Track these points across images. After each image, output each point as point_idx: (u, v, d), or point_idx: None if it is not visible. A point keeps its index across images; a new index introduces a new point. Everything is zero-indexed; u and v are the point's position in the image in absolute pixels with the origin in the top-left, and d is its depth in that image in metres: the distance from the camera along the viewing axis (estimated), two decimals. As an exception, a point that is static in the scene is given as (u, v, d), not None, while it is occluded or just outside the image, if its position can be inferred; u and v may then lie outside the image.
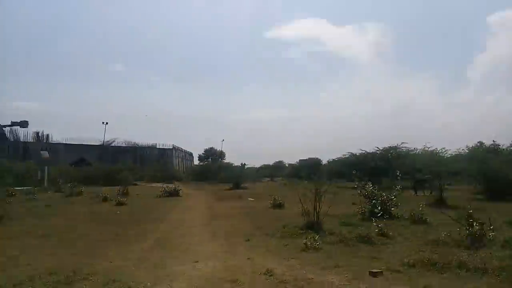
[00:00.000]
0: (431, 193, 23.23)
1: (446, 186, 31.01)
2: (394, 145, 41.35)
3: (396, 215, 13.50)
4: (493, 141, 42.82)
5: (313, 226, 10.93)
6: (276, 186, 38.76)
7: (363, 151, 43.66)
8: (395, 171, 16.70)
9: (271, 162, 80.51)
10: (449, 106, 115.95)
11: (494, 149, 36.08)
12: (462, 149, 36.75)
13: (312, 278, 6.38)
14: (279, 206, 17.51)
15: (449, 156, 26.64)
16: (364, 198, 14.71)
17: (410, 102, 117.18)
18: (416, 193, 25.55)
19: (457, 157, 27.34)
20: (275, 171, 70.84)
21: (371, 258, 7.83)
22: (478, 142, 45.87)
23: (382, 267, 7.01)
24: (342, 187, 33.07)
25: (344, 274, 6.68)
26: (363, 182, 15.37)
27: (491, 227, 9.06)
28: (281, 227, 11.61)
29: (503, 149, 35.65)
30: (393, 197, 13.87)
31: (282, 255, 8.27)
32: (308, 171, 45.66)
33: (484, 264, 6.62)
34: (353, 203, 16.63)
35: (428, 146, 26.62)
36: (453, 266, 6.72)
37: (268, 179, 62.29)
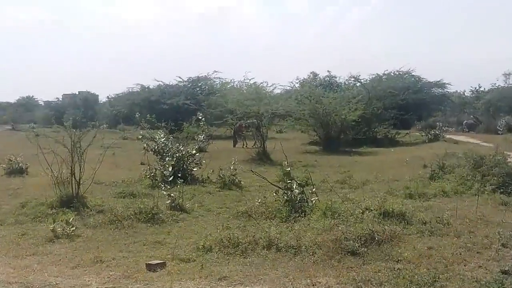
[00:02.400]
0: (255, 144, 25.91)
1: (278, 131, 35.02)
2: (203, 75, 43.72)
3: (200, 178, 14.83)
4: (328, 71, 49.92)
5: (72, 202, 11.01)
6: (21, 138, 36.63)
7: (160, 83, 45.06)
8: (198, 114, 17.91)
9: (14, 99, 75.59)
10: (276, 18, 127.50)
11: (330, 83, 42.41)
12: (291, 82, 41.83)
13: (57, 284, 6.55)
14: (19, 172, 17.01)
15: (278, 92, 30.02)
16: (155, 155, 15.48)
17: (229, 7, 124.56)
18: (235, 144, 27.96)
19: (286, 94, 30.98)
20: (21, 113, 66.69)
21: (154, 244, 8.48)
22: (311, 73, 52.75)
23: (168, 256, 7.66)
24: (129, 138, 33.70)
25: (109, 271, 7.06)
26: (151, 130, 16.05)
27: (314, 190, 10.76)
28: (19, 207, 11.35)
29: (340, 82, 42.20)
30: (194, 151, 14.96)
31: (14, 252, 8.18)
32: (78, 112, 44.73)
33: (298, 240, 7.89)
34: (142, 163, 17.25)
35: (249, 78, 29.17)
36: (261, 246, 7.81)
37: (8, 126, 58.33)
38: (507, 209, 10.58)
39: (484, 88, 55.83)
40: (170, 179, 12.78)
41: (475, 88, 57.28)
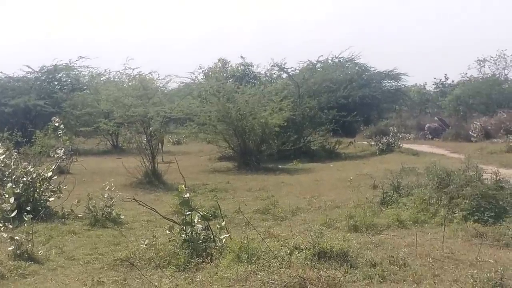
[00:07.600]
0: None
1: (176, 142, 34.85)
2: (63, 63, 43.01)
3: (60, 212, 14.64)
4: (242, 58, 50.59)
5: None
6: None
7: (-1, 75, 43.66)
8: (54, 119, 17.69)
9: None
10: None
11: (245, 74, 42.88)
12: (192, 73, 41.95)
13: None
14: None
15: (174, 88, 29.70)
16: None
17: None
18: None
19: (186, 89, 30.74)
20: None
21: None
22: (219, 60, 53.29)
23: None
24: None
25: None
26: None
27: (224, 224, 10.75)
28: None
29: (259, 73, 42.56)
30: (50, 173, 14.64)
31: None
32: None
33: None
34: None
35: (132, 67, 28.89)
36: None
37: None
38: (482, 242, 10.86)
39: (452, 80, 57.41)
40: (13, 214, 12.37)
41: (440, 80, 58.72)
